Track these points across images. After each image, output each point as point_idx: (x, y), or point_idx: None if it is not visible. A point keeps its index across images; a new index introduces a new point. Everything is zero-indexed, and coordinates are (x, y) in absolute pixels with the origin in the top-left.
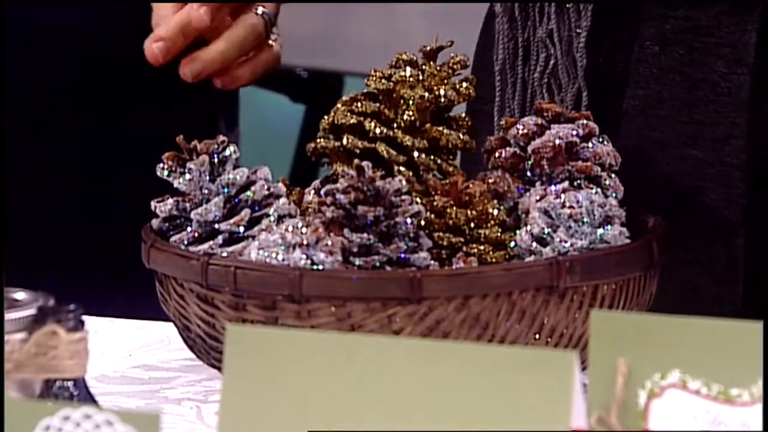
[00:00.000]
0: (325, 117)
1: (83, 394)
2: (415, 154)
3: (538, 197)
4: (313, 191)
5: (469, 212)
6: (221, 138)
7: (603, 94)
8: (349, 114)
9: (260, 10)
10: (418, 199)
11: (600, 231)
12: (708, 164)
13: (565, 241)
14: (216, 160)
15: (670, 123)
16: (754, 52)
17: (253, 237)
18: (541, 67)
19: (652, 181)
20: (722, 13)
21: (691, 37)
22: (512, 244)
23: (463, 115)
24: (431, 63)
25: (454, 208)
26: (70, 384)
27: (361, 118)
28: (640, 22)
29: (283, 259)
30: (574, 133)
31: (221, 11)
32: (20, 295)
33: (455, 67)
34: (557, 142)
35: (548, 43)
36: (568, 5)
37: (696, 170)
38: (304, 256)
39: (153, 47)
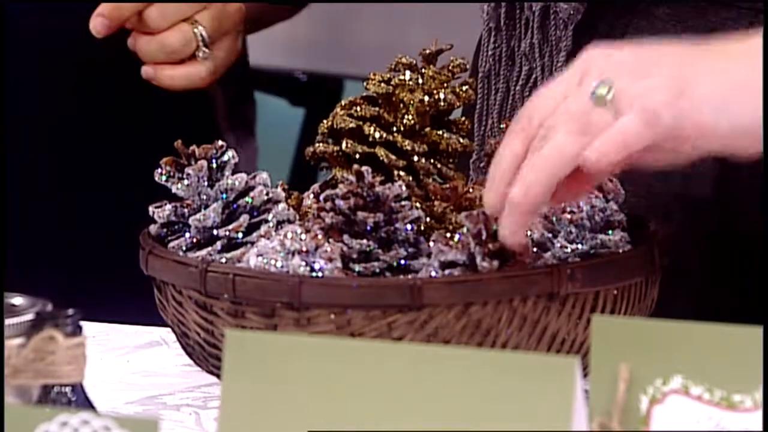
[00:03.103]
0: (324, 121)
1: (81, 400)
2: (415, 158)
3: None
4: (312, 195)
5: None
6: (219, 143)
7: None
8: (348, 118)
9: (198, 27)
10: (418, 204)
11: (601, 236)
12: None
13: (566, 247)
14: (214, 165)
15: None
16: None
17: (252, 243)
18: (524, 80)
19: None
20: (706, 35)
21: None
22: None
23: (463, 119)
24: (431, 66)
25: (454, 213)
26: (68, 389)
27: (361, 122)
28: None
29: (282, 266)
30: None
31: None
32: (18, 300)
33: (455, 70)
34: None
35: (530, 57)
36: (550, 22)
37: (677, 194)
38: (304, 263)
39: (93, 21)
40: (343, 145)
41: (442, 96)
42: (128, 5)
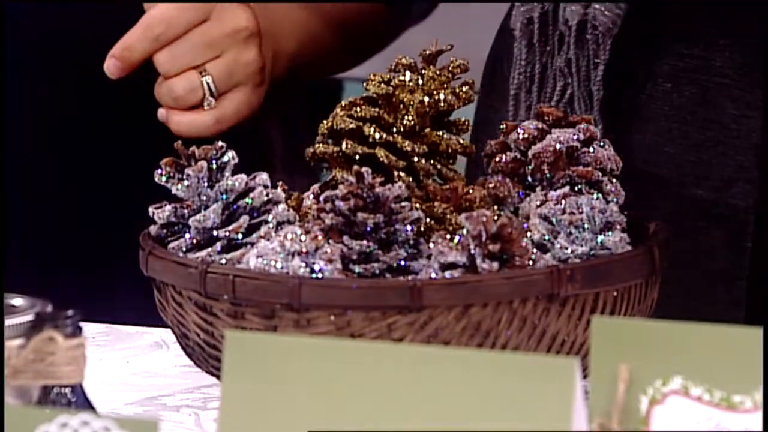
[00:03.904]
0: (324, 122)
1: (81, 401)
2: (415, 159)
3: (538, 203)
4: (312, 196)
5: None
6: (219, 144)
7: (613, 128)
8: (348, 119)
9: (207, 76)
10: (418, 205)
11: (601, 237)
12: (713, 205)
13: (566, 248)
14: (214, 166)
15: (678, 161)
16: (762, 95)
17: (252, 244)
18: (558, 96)
19: (654, 217)
20: (734, 54)
21: (705, 77)
22: None
23: (463, 119)
24: (431, 67)
25: (454, 214)
26: (67, 390)
27: (361, 123)
28: (655, 59)
29: (282, 267)
30: (575, 137)
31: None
32: (18, 301)
33: (455, 71)
34: (558, 146)
35: (566, 72)
36: (587, 36)
37: (700, 210)
38: (303, 264)
39: (107, 63)
40: (343, 146)
41: (442, 97)
42: (139, 48)
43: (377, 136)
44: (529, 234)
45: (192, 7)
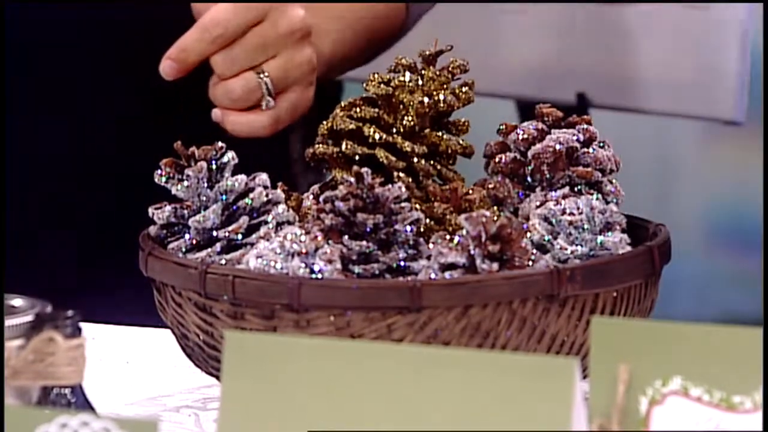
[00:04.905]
0: (324, 122)
1: (81, 401)
2: (415, 159)
3: (538, 203)
4: (311, 196)
5: None
6: (219, 144)
7: None
8: (348, 119)
9: (264, 76)
10: (418, 206)
11: (601, 238)
12: None
13: (566, 248)
14: (214, 166)
15: None
16: None
17: (252, 244)
18: None
19: None
20: None
21: None
22: None
23: (462, 120)
24: (431, 67)
25: (454, 214)
26: (67, 391)
27: (360, 124)
28: None
29: (281, 268)
30: (575, 138)
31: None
32: (17, 301)
33: (455, 71)
34: (558, 147)
35: None
36: None
37: None
38: (303, 265)
39: (163, 64)
40: (343, 147)
41: (441, 97)
42: (196, 50)
43: (377, 136)
44: (528, 234)
45: (249, 9)
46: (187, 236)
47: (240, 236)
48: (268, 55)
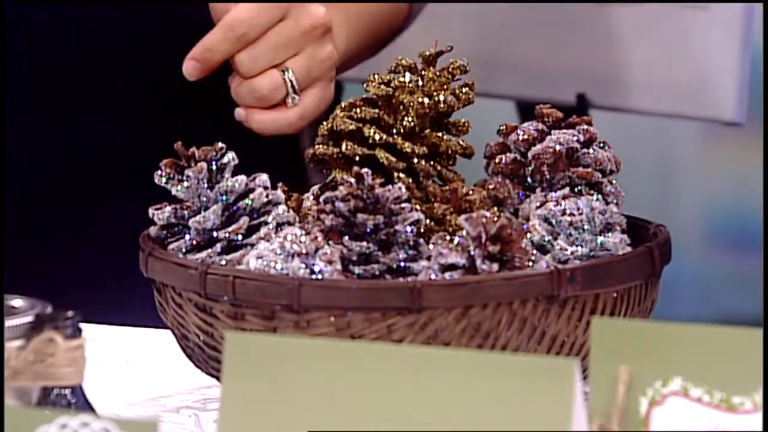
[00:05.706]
0: (324, 123)
1: (81, 402)
2: (415, 160)
3: (538, 204)
4: (311, 197)
5: None
6: (219, 145)
7: None
8: (348, 120)
9: (289, 74)
10: (418, 207)
11: (601, 238)
12: None
13: (566, 249)
14: (214, 167)
15: None
16: None
17: (252, 245)
18: None
19: None
20: None
21: None
22: None
23: (463, 120)
24: (431, 68)
25: (454, 215)
26: (67, 391)
27: (360, 125)
28: None
29: (281, 269)
30: (575, 138)
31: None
32: (18, 302)
33: (455, 72)
34: (558, 147)
35: None
36: None
37: None
38: (303, 265)
39: (186, 65)
40: (343, 147)
41: (442, 98)
42: (220, 49)
43: (377, 137)
44: (528, 235)
45: (271, 7)
46: (187, 237)
47: (240, 237)
48: (292, 52)
